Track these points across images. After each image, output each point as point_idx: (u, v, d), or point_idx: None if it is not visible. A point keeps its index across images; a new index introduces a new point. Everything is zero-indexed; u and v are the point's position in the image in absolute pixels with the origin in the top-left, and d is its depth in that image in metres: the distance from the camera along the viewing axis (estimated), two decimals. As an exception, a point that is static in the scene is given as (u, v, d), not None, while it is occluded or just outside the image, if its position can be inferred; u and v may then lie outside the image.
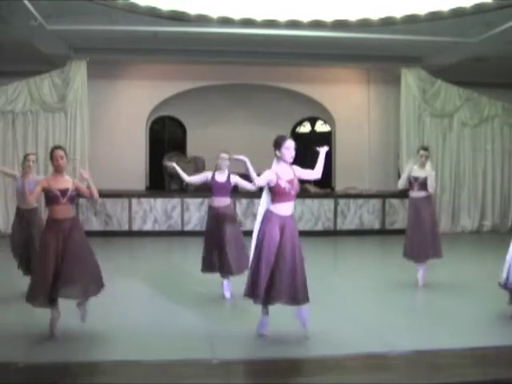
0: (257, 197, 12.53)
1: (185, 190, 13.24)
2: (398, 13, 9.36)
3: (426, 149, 7.57)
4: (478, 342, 5.12)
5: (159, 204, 12.38)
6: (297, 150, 5.23)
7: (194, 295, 7.00)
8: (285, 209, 5.09)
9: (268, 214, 5.09)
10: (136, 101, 13.95)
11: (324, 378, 4.45)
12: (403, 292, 7.22)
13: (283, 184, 5.02)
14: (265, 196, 5.16)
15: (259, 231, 5.10)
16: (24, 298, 5.34)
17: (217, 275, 6.88)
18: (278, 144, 5.11)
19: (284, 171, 5.10)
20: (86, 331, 5.41)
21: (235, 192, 12.97)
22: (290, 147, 5.09)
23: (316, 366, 4.64)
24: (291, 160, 5.14)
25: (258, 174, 5.09)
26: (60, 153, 5.32)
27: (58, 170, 5.36)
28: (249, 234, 12.19)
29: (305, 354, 4.91)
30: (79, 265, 5.17)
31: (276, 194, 5.04)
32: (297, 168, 5.21)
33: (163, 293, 7.10)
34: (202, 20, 9.57)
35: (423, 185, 7.34)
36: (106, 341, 5.20)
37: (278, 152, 5.09)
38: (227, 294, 6.79)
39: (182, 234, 12.24)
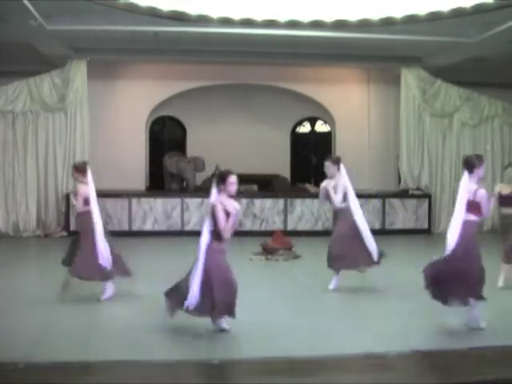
0: (256, 197, 12.61)
1: (185, 190, 13.25)
2: (398, 13, 9.35)
3: (326, 159, 7.54)
4: (477, 342, 5.11)
5: (159, 204, 12.38)
6: (297, 150, 5.28)
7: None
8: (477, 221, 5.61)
9: (473, 226, 5.52)
10: (136, 101, 13.95)
11: (324, 377, 4.45)
12: (402, 292, 7.20)
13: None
14: (463, 207, 5.46)
15: (468, 240, 5.44)
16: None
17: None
18: (475, 164, 5.53)
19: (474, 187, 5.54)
20: (86, 331, 5.41)
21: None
22: (484, 166, 5.68)
23: (316, 366, 4.64)
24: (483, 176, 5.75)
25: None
26: (235, 179, 5.36)
27: (231, 195, 5.36)
28: (249, 233, 12.15)
29: (305, 354, 4.90)
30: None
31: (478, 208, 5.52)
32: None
33: (163, 293, 7.09)
34: (202, 20, 9.57)
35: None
36: (106, 341, 5.19)
37: (476, 170, 5.52)
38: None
39: (182, 233, 12.24)
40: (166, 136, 15.36)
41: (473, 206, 5.44)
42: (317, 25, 9.77)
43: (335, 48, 11.75)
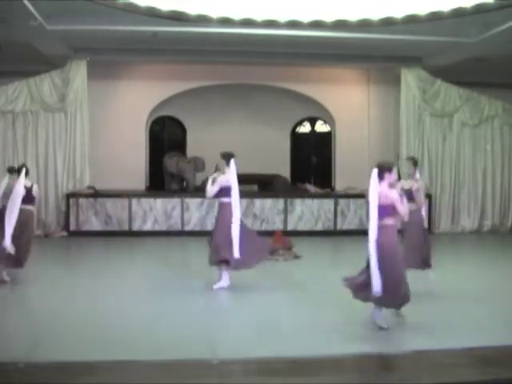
0: (256, 197, 12.60)
1: (185, 190, 13.25)
2: (398, 13, 9.37)
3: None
4: (478, 342, 5.11)
5: (159, 204, 12.37)
6: (297, 150, 5.28)
7: (194, 295, 7.00)
8: None
9: None
10: (136, 101, 13.95)
11: (324, 378, 4.45)
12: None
13: None
14: None
15: None
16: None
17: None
18: None
19: None
20: (86, 331, 5.41)
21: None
22: None
23: (316, 366, 4.64)
24: None
25: None
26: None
27: (391, 184, 5.82)
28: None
29: (305, 353, 4.90)
30: None
31: None
32: None
33: (163, 293, 7.10)
34: (202, 20, 9.58)
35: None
36: (106, 341, 5.19)
37: None
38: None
39: (182, 233, 12.24)
40: (166, 136, 15.36)
41: None
42: (317, 25, 9.78)
43: (335, 48, 11.76)
